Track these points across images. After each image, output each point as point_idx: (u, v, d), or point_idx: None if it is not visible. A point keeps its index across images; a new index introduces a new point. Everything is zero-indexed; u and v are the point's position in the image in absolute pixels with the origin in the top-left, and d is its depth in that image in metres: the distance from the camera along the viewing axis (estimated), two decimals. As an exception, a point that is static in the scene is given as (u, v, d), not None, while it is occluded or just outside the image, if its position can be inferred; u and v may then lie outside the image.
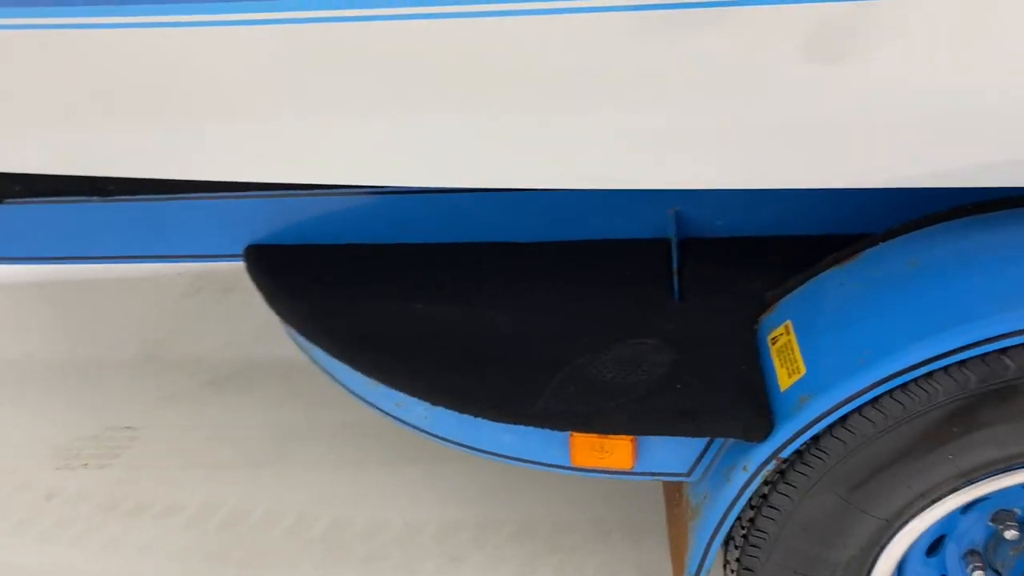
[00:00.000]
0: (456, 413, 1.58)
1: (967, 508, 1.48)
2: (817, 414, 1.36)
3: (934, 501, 1.41)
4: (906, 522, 1.44)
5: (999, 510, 1.50)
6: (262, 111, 1.53)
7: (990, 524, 1.52)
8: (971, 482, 1.39)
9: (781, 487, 1.44)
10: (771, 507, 1.46)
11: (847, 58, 1.32)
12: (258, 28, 1.41)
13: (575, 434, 1.51)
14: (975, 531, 1.53)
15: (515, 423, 1.51)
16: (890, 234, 1.58)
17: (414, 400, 1.63)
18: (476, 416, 1.54)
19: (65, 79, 1.55)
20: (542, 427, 1.49)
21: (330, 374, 1.88)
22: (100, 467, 2.55)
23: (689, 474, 1.54)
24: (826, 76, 1.34)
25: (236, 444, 2.61)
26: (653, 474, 1.56)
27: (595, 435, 1.50)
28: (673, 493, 1.70)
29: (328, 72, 1.46)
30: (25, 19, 1.48)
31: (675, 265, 1.81)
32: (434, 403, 1.58)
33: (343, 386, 1.86)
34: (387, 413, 1.76)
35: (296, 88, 1.49)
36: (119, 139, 1.63)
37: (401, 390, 1.61)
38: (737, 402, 1.44)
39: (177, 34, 1.44)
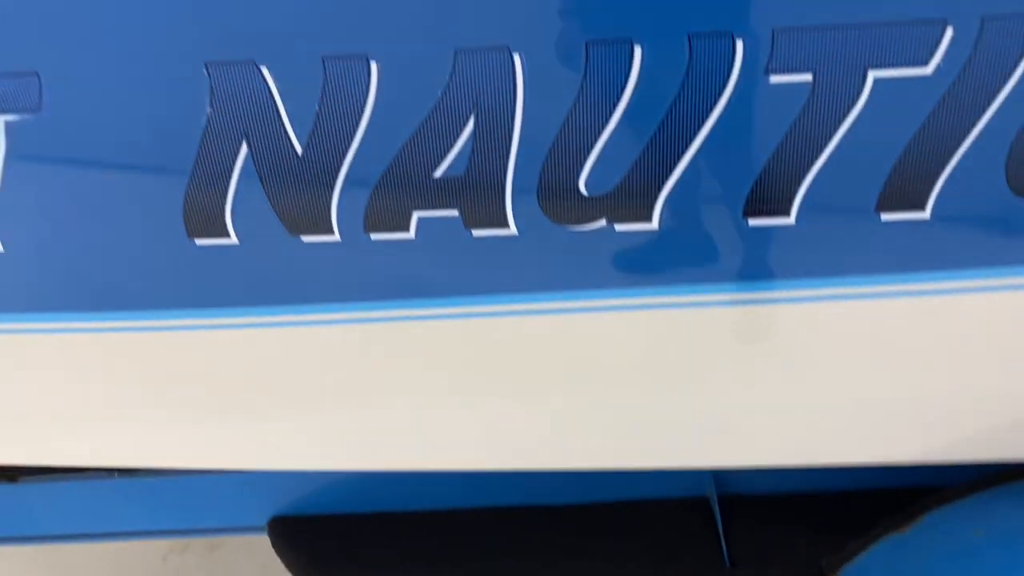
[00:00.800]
0: None
1: None
2: None
3: None
4: None
5: None
6: (301, 404, 1.52)
7: None
8: None
9: None
10: None
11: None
12: (288, 329, 1.40)
13: None
14: None
15: None
16: (944, 499, 1.59)
17: None
18: None
19: (94, 379, 1.52)
20: None
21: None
22: None
23: None
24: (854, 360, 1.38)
25: None
26: None
27: None
28: None
29: (366, 365, 1.46)
30: (52, 323, 1.46)
31: (720, 528, 1.79)
32: None
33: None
34: None
35: (335, 382, 1.49)
36: (154, 435, 1.59)
37: None
38: None
39: (206, 336, 1.42)
